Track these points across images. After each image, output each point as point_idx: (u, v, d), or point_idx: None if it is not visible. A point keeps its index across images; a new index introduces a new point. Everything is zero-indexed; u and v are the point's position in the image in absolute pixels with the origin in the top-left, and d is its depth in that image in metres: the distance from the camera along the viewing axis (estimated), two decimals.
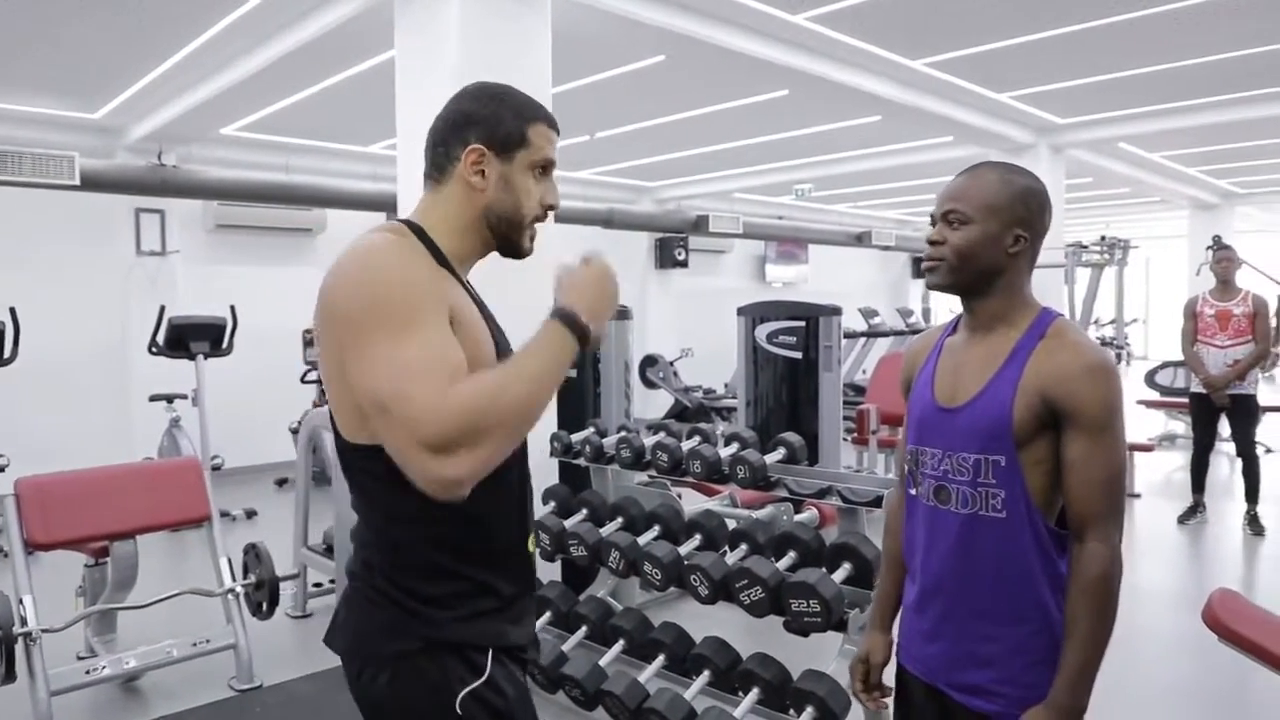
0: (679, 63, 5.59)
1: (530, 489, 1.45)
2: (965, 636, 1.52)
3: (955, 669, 1.54)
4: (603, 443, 3.74)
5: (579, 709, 3.00)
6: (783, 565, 2.78)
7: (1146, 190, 11.35)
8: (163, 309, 6.50)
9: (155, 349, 6.46)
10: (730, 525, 3.19)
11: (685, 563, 2.91)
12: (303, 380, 7.68)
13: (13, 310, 5.69)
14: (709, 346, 10.60)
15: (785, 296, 8.92)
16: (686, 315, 11.69)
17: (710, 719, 2.58)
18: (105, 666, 3.34)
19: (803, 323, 4.97)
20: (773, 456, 3.21)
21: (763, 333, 5.06)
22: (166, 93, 6.28)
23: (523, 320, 1.38)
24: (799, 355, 4.97)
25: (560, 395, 2.89)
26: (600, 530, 3.32)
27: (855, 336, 10.77)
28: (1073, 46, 5.68)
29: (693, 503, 4.01)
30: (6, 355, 5.68)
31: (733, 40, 5.11)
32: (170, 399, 6.70)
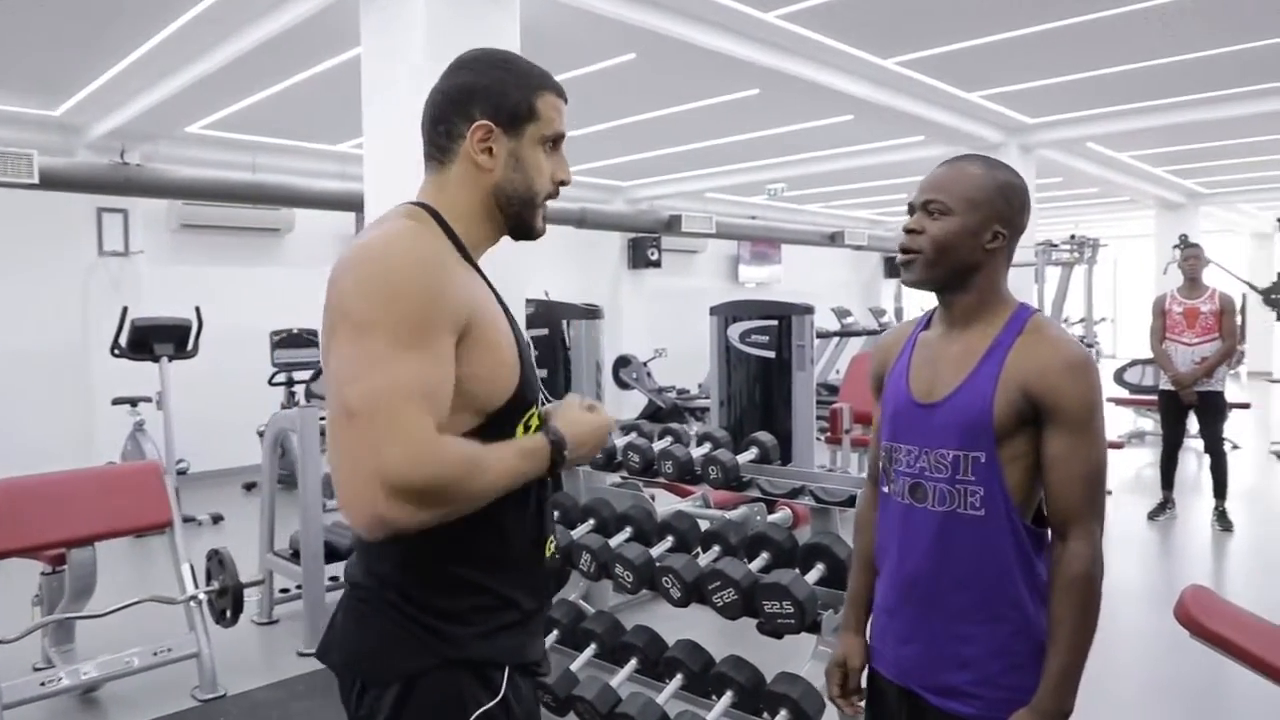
0: (650, 61, 5.56)
1: (549, 488, 1.36)
2: (941, 638, 1.49)
3: (931, 671, 1.51)
4: None
5: (550, 714, 2.95)
6: (755, 566, 2.74)
7: (1115, 190, 11.48)
8: (125, 310, 6.37)
9: (118, 351, 6.33)
10: (703, 526, 3.16)
11: (657, 565, 2.87)
12: (271, 382, 7.58)
13: None
14: (682, 347, 10.59)
15: (758, 297, 8.94)
16: (660, 316, 11.67)
17: None
18: (63, 678, 3.24)
19: (775, 322, 4.96)
20: (745, 456, 3.18)
21: (735, 332, 5.05)
22: (129, 89, 6.16)
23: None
24: (772, 355, 4.96)
25: None
26: (571, 532, 3.27)
27: (828, 336, 10.81)
28: (1041, 46, 5.72)
29: (666, 504, 3.98)
30: None
31: (704, 38, 5.09)
32: (134, 402, 6.58)
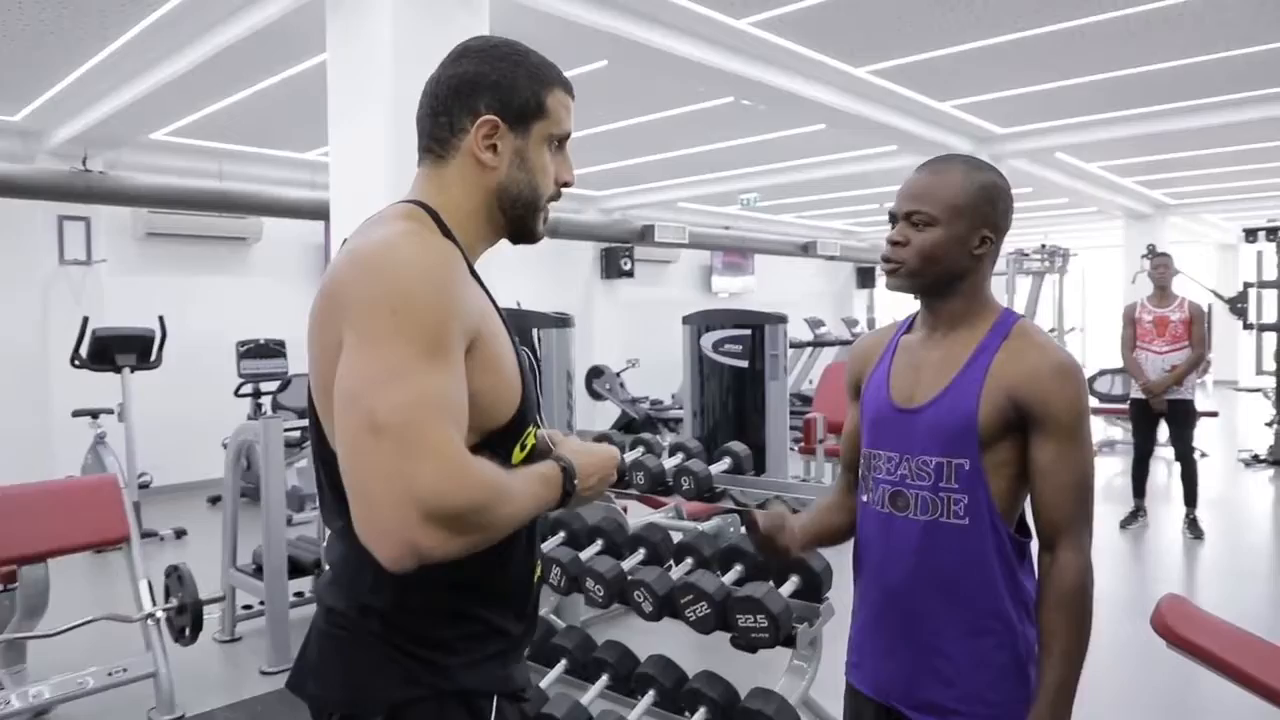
0: (622, 68, 5.52)
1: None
2: (925, 651, 1.44)
3: (913, 686, 1.46)
4: None
5: None
6: (729, 579, 2.69)
7: (1084, 200, 11.60)
8: (85, 320, 6.23)
9: (78, 362, 6.18)
10: (676, 538, 3.10)
11: (629, 578, 2.82)
12: (237, 394, 7.44)
13: None
14: (656, 357, 10.54)
15: (732, 306, 8.92)
16: (633, 326, 11.63)
17: None
18: (13, 700, 3.11)
19: (748, 331, 4.92)
20: (718, 467, 3.14)
21: (709, 341, 5.01)
22: (91, 94, 6.03)
23: None
24: (745, 364, 4.92)
25: None
26: (542, 545, 3.21)
27: (801, 346, 10.81)
28: (1011, 56, 5.74)
29: (638, 516, 3.92)
30: None
31: (676, 45, 5.06)
32: (95, 414, 6.41)
